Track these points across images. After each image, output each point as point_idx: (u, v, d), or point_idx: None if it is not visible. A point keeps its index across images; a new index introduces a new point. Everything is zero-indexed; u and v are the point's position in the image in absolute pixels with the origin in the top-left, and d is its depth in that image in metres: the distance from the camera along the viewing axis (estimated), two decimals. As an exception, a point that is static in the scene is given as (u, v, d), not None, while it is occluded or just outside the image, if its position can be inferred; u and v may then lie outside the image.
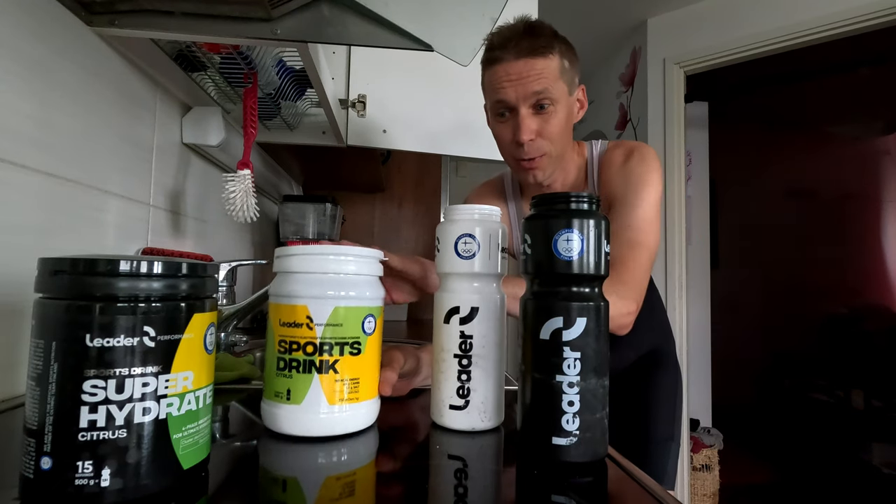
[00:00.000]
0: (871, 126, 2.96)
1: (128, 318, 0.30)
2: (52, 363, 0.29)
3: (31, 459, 0.29)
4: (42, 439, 0.29)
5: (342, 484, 0.36)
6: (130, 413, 0.30)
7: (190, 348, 0.33)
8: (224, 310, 0.93)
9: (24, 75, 0.57)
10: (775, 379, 3.21)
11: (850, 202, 3.01)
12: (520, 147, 0.79)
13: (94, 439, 0.29)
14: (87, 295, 0.30)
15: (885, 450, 2.60)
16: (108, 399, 0.29)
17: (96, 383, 0.29)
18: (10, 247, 0.55)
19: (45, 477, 0.29)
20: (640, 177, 0.80)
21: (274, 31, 0.68)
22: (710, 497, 2.17)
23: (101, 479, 0.29)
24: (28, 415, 0.30)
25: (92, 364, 0.29)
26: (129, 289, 0.31)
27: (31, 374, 0.30)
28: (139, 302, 0.31)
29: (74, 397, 0.29)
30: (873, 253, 2.94)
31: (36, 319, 0.31)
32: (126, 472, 0.30)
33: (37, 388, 0.30)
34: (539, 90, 0.75)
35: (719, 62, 2.21)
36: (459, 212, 0.50)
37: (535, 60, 0.75)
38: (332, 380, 0.44)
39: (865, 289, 2.95)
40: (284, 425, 0.44)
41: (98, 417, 0.29)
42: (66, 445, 0.29)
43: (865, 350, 2.84)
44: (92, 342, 0.29)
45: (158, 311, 0.31)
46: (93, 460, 0.29)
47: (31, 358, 0.31)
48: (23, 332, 0.57)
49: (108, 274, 0.30)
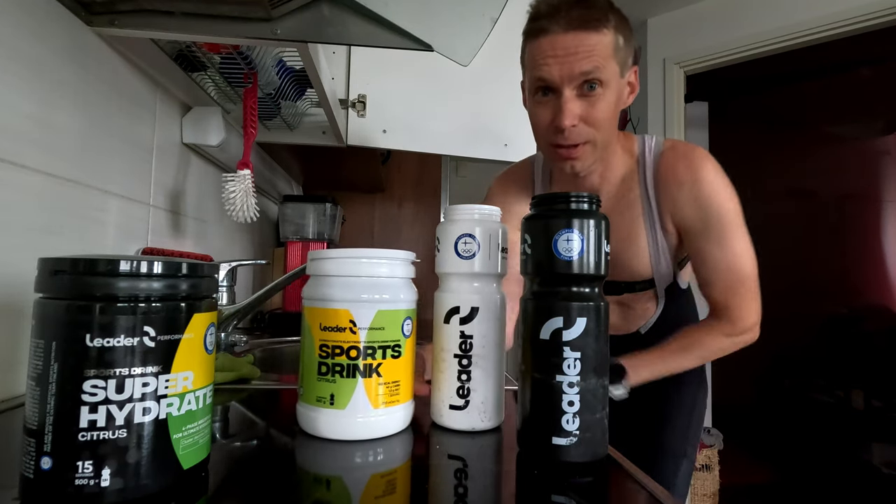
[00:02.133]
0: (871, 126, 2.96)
1: (128, 318, 0.30)
2: (52, 363, 0.29)
3: (31, 459, 0.29)
4: (42, 439, 0.29)
5: (342, 484, 0.36)
6: (131, 413, 0.30)
7: (190, 348, 0.33)
8: (224, 310, 0.93)
9: (24, 75, 0.57)
10: (775, 379, 3.20)
11: (850, 202, 3.00)
12: (559, 132, 0.69)
13: (94, 439, 0.29)
14: (88, 295, 0.30)
15: (885, 450, 2.60)
16: (108, 399, 0.29)
17: (96, 383, 0.29)
18: (9, 247, 0.55)
19: (45, 477, 0.29)
20: (719, 206, 0.71)
21: (274, 31, 0.68)
22: (710, 497, 2.17)
23: (102, 479, 0.29)
24: (28, 415, 0.30)
25: (92, 364, 0.29)
26: (129, 289, 0.31)
27: (31, 374, 0.30)
28: (139, 302, 0.31)
29: (74, 397, 0.29)
30: (873, 253, 2.94)
31: (36, 319, 0.31)
32: (126, 472, 0.30)
33: (37, 388, 0.30)
34: (588, 70, 0.65)
35: (719, 62, 2.21)
36: (459, 212, 0.50)
37: (587, 35, 0.65)
38: (375, 383, 0.44)
39: (865, 289, 2.95)
40: (326, 430, 0.43)
41: (98, 417, 0.29)
42: (66, 445, 0.29)
43: (865, 350, 2.84)
44: (92, 342, 0.29)
45: (158, 311, 0.31)
46: (93, 460, 0.29)
47: (31, 358, 0.30)
48: (23, 331, 0.57)
49: (108, 274, 0.30)
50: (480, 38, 0.74)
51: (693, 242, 0.75)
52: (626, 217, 0.78)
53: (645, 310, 0.90)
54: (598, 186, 0.79)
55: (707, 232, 0.72)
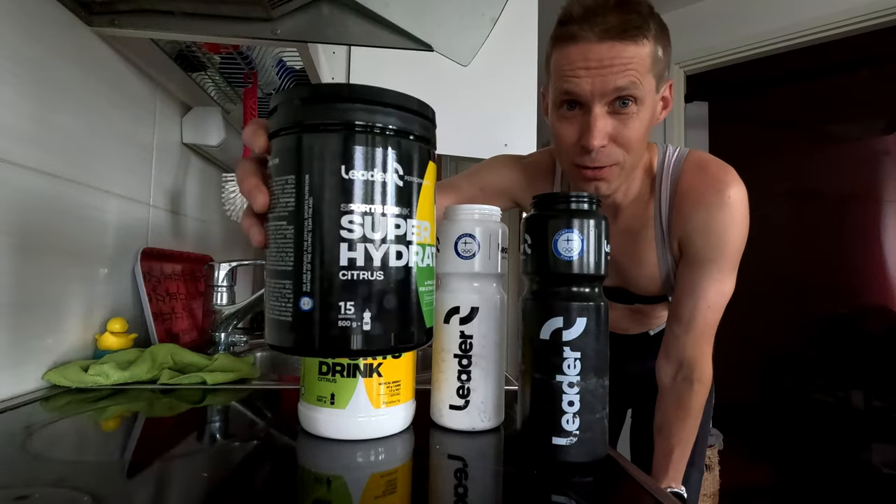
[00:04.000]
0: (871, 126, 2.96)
1: (382, 152, 0.28)
2: (306, 198, 0.27)
3: (287, 302, 0.27)
4: (301, 279, 0.27)
5: (342, 484, 0.36)
6: (386, 255, 0.28)
7: (427, 197, 0.30)
8: (224, 310, 0.93)
9: (25, 75, 0.57)
10: (775, 379, 3.20)
11: (850, 202, 3.00)
12: (586, 153, 0.61)
13: (355, 279, 0.27)
14: (346, 123, 0.27)
15: (885, 450, 2.60)
16: (365, 237, 0.27)
17: (353, 219, 0.27)
18: (9, 247, 0.55)
19: (305, 318, 0.27)
20: (728, 243, 0.65)
21: (274, 31, 0.68)
22: (710, 497, 2.17)
23: (363, 322, 0.27)
24: (278, 256, 0.28)
25: (349, 198, 0.27)
26: (386, 120, 0.28)
27: (275, 214, 0.28)
28: (391, 136, 0.28)
29: (333, 233, 0.27)
30: (873, 253, 2.94)
31: (281, 156, 0.28)
32: (386, 319, 0.28)
33: (289, 227, 0.27)
34: (623, 86, 0.58)
35: (719, 62, 2.21)
36: (459, 212, 0.50)
37: (624, 45, 0.57)
38: (376, 383, 0.44)
39: (865, 289, 2.95)
40: (327, 429, 0.43)
41: (357, 256, 0.27)
42: (328, 284, 0.27)
43: (865, 350, 2.84)
44: (348, 174, 0.27)
45: (409, 149, 0.29)
46: (354, 301, 0.27)
47: (276, 198, 0.28)
48: (21, 331, 0.57)
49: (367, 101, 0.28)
50: (480, 38, 0.74)
51: (686, 271, 0.68)
52: (641, 237, 0.72)
53: (658, 317, 0.89)
54: (620, 202, 0.72)
55: (708, 263, 0.66)
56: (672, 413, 0.71)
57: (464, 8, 0.73)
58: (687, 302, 0.68)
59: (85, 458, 0.41)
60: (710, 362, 0.70)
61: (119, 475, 0.36)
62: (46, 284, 0.61)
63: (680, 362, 0.70)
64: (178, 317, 0.91)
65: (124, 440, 0.45)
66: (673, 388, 0.71)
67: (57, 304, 0.63)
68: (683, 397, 0.70)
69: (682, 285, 0.69)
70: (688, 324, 0.68)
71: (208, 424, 0.51)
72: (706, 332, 0.68)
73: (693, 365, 0.69)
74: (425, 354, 0.52)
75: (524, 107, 1.30)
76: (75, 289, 0.67)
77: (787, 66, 2.41)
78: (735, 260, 0.67)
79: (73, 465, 0.39)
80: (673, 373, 0.71)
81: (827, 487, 2.56)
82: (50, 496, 0.32)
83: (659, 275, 0.74)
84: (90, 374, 0.60)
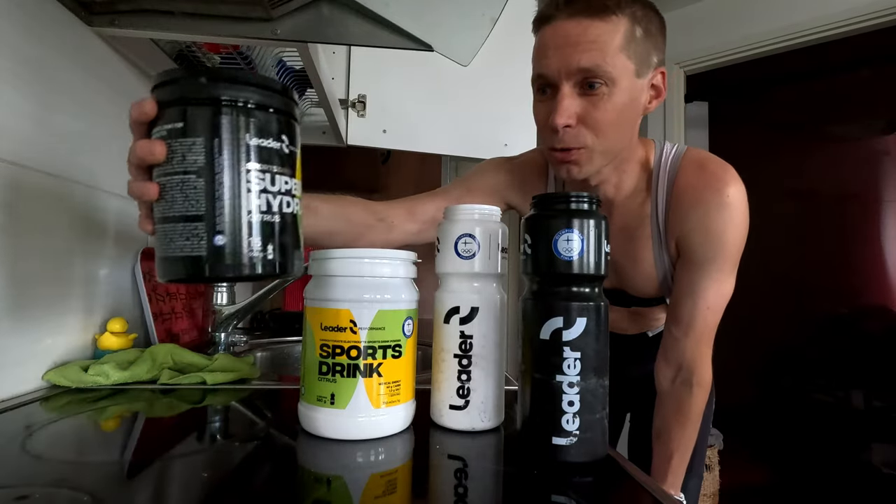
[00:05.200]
0: (871, 126, 2.96)
1: (277, 125, 0.36)
2: (217, 156, 0.34)
3: (199, 240, 0.34)
4: (213, 220, 0.34)
5: (342, 484, 0.36)
6: (281, 203, 0.36)
7: (299, 162, 0.40)
8: (224, 310, 0.93)
9: (25, 75, 0.57)
10: (775, 379, 3.20)
11: (850, 202, 3.00)
12: (554, 133, 0.60)
13: (261, 220, 0.35)
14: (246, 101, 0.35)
15: (885, 450, 2.59)
16: (266, 189, 0.35)
17: (259, 175, 0.35)
18: (9, 247, 0.55)
19: (218, 251, 0.34)
20: (727, 242, 0.64)
21: (274, 31, 0.68)
22: (710, 497, 2.17)
23: (267, 252, 0.35)
24: (186, 203, 0.34)
25: (255, 158, 0.35)
26: (278, 101, 0.37)
27: (182, 168, 0.34)
28: (280, 113, 0.37)
29: (242, 184, 0.34)
30: (873, 253, 2.94)
31: (191, 121, 0.34)
32: (285, 253, 0.37)
33: (199, 179, 0.34)
34: (586, 66, 0.57)
35: (719, 62, 2.21)
36: (459, 212, 0.50)
37: (591, 22, 0.56)
38: (376, 383, 0.44)
39: (865, 289, 2.95)
40: (327, 429, 0.44)
41: (261, 202, 0.35)
42: (238, 224, 0.34)
43: (865, 350, 2.84)
44: (250, 140, 0.35)
45: (288, 123, 0.38)
46: (261, 237, 0.35)
47: (181, 155, 0.34)
48: (20, 331, 0.57)
49: (258, 86, 0.36)
50: (480, 38, 0.74)
51: (684, 272, 0.67)
52: (636, 235, 0.71)
53: (656, 319, 0.88)
54: (613, 198, 0.70)
55: (706, 264, 0.65)
56: (671, 418, 0.71)
57: (464, 8, 0.73)
58: (686, 303, 0.67)
59: (85, 458, 0.41)
60: (710, 365, 0.69)
61: (119, 475, 0.36)
62: (46, 284, 0.61)
63: (679, 365, 0.69)
64: (178, 317, 0.91)
65: (124, 440, 0.45)
66: (672, 392, 0.70)
67: (57, 304, 0.63)
68: (683, 401, 0.69)
69: (680, 286, 0.68)
70: (687, 326, 0.67)
71: (208, 424, 0.51)
72: (706, 334, 0.67)
73: (692, 368, 0.68)
74: (425, 354, 0.52)
75: (524, 107, 1.28)
76: (75, 289, 0.67)
77: (787, 66, 2.41)
78: (735, 260, 0.66)
79: (73, 465, 0.39)
80: (672, 376, 0.70)
81: (827, 487, 2.56)
82: (50, 496, 0.32)
83: (656, 275, 0.73)
84: (90, 374, 0.60)
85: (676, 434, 0.70)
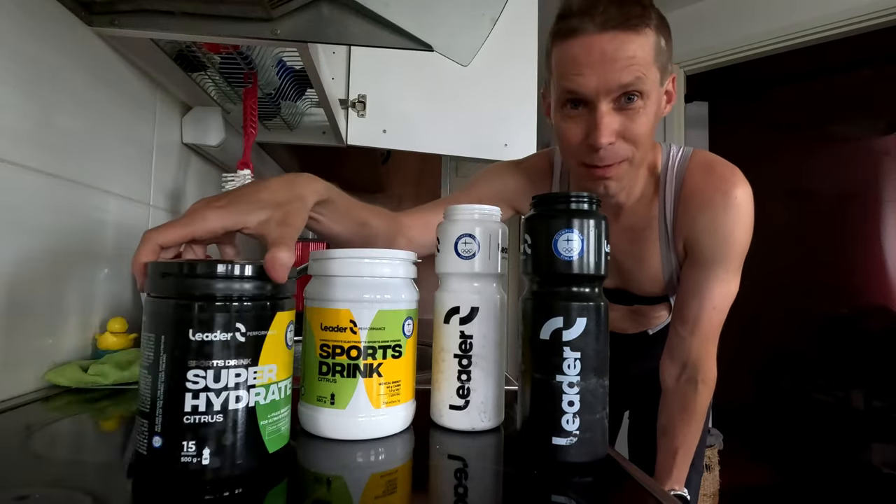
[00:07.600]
0: (871, 126, 2.96)
1: (224, 316, 0.34)
2: (161, 354, 0.33)
3: (144, 438, 0.33)
4: (154, 420, 0.33)
5: (342, 484, 0.36)
6: (226, 400, 0.33)
7: (274, 344, 0.36)
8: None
9: (25, 75, 0.57)
10: (775, 379, 3.20)
11: (850, 202, 3.00)
12: (594, 152, 0.60)
13: (196, 422, 0.33)
14: (190, 295, 0.34)
15: (885, 450, 2.59)
16: (207, 387, 0.33)
17: (198, 373, 0.33)
18: (9, 247, 0.55)
19: (156, 454, 0.33)
20: (734, 243, 0.64)
21: (274, 31, 0.68)
22: (710, 497, 2.17)
23: (203, 457, 0.33)
24: (141, 399, 0.34)
25: (194, 356, 0.33)
26: (225, 290, 0.34)
27: (143, 363, 0.34)
28: (233, 301, 0.34)
29: (181, 385, 0.33)
30: (873, 253, 2.94)
31: (147, 316, 0.35)
32: (223, 453, 0.33)
33: (149, 376, 0.33)
34: (628, 82, 0.56)
35: (719, 62, 2.21)
36: (459, 212, 0.50)
37: (627, 36, 0.55)
38: (376, 383, 0.44)
39: (865, 289, 2.95)
40: (327, 429, 0.43)
41: (199, 403, 0.33)
42: (175, 426, 0.33)
43: (865, 350, 2.84)
44: (194, 336, 0.33)
45: (249, 310, 0.35)
46: (196, 440, 0.33)
47: (143, 349, 0.34)
48: (20, 331, 0.57)
49: (206, 276, 0.34)
50: (480, 38, 0.74)
51: (691, 271, 0.68)
52: (644, 237, 0.72)
53: (657, 317, 0.89)
54: (623, 202, 0.70)
55: (713, 264, 0.65)
56: (676, 415, 0.71)
57: (464, 8, 0.73)
58: (692, 303, 0.67)
59: (85, 458, 0.41)
60: (715, 363, 0.70)
61: (119, 475, 0.36)
62: (46, 284, 0.61)
63: (684, 363, 0.70)
64: (178, 317, 0.91)
65: (124, 440, 0.45)
66: (677, 390, 0.71)
67: (56, 304, 0.63)
68: (688, 399, 0.70)
69: (687, 286, 0.69)
70: (693, 325, 0.67)
71: (208, 424, 0.51)
72: (711, 333, 0.68)
73: (698, 366, 0.69)
74: (425, 354, 0.52)
75: (524, 107, 1.30)
76: (75, 289, 0.67)
77: (788, 66, 2.41)
78: (740, 260, 0.66)
79: (73, 465, 0.39)
80: (677, 374, 0.71)
81: (827, 487, 2.56)
82: (50, 496, 0.32)
83: (662, 275, 0.73)
84: (90, 374, 0.60)
85: (681, 430, 0.71)
